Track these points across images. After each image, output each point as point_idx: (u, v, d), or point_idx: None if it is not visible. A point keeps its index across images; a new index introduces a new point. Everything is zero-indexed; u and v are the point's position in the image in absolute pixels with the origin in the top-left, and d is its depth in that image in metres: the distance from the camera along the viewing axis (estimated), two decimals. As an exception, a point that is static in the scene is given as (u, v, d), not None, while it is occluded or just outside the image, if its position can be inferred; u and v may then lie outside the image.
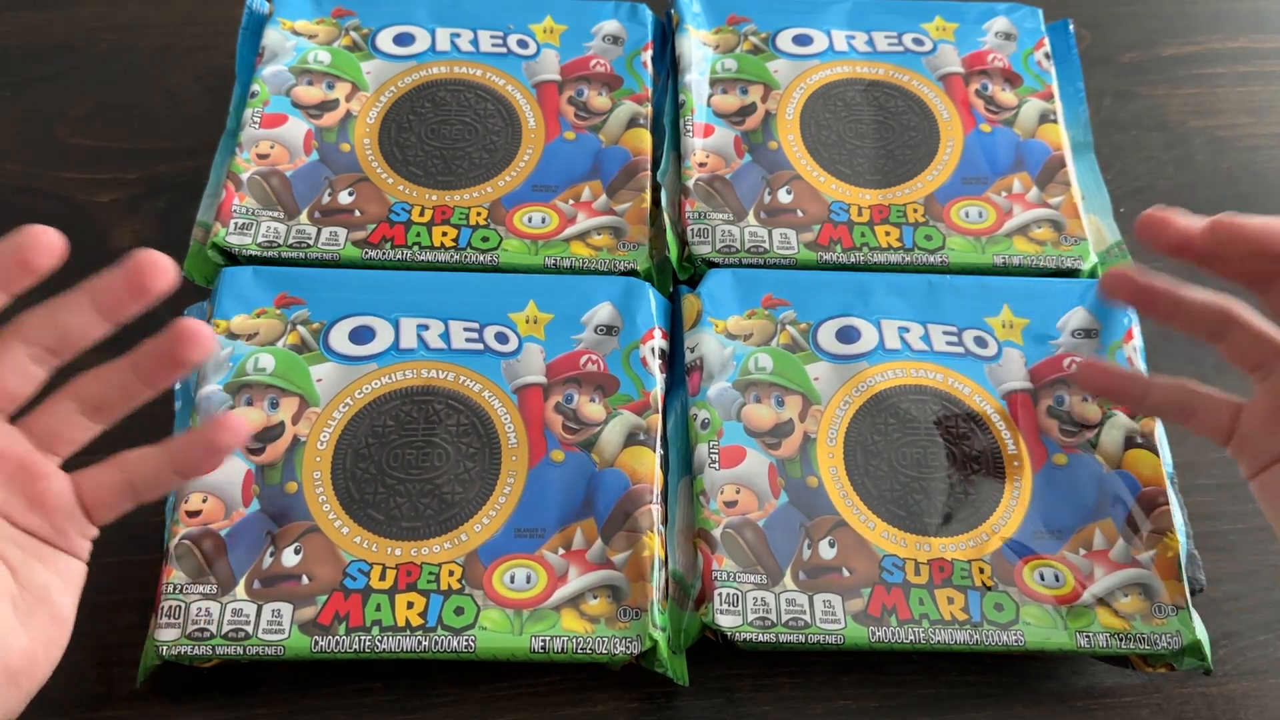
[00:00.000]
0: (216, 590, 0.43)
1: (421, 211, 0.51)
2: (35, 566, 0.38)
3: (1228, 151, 0.61)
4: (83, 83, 0.61)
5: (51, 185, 0.57)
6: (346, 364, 0.48)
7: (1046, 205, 0.53)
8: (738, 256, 0.51)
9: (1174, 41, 0.65)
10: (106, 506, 0.40)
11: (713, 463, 0.46)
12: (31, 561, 0.38)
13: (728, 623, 0.43)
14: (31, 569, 0.38)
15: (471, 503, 0.45)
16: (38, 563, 0.38)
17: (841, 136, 0.55)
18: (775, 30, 0.58)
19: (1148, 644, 0.44)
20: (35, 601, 0.38)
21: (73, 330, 0.38)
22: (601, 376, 0.48)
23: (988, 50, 0.58)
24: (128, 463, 0.40)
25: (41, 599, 0.38)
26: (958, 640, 0.43)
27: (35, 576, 0.38)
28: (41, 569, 0.38)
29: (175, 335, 0.39)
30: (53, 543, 0.39)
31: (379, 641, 0.42)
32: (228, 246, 0.50)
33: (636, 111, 0.55)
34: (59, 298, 0.39)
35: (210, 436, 0.40)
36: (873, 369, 0.49)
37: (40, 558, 0.38)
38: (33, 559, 0.38)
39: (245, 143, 0.52)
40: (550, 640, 0.42)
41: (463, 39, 0.56)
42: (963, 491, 0.46)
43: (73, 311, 0.38)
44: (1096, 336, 0.50)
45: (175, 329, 0.39)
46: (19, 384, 0.38)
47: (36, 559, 0.38)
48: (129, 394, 0.40)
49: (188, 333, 0.39)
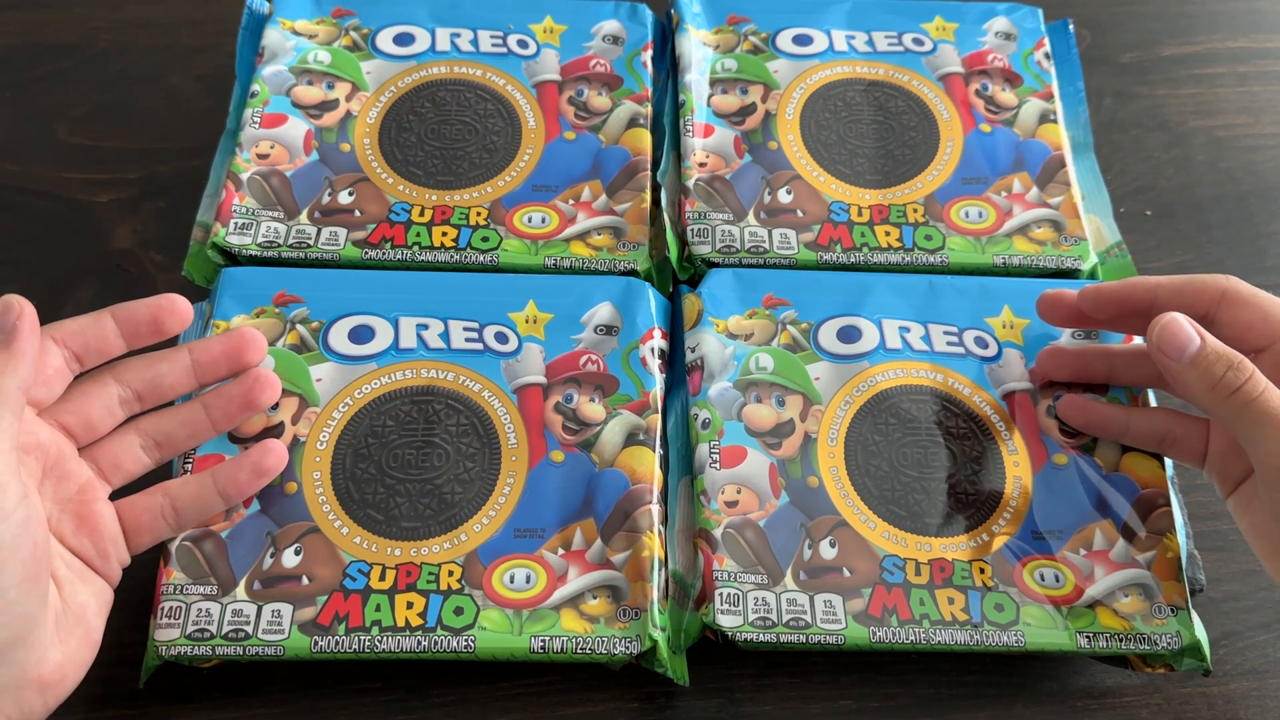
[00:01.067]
0: (217, 591, 0.43)
1: (421, 211, 0.51)
2: (78, 587, 0.40)
3: (1228, 151, 0.61)
4: (83, 83, 0.61)
5: (51, 185, 0.57)
6: (346, 364, 0.48)
7: (1046, 205, 0.53)
8: (738, 257, 0.51)
9: (1174, 41, 0.65)
10: (146, 533, 0.42)
11: (713, 462, 0.46)
12: (75, 582, 0.40)
13: (728, 623, 0.43)
14: (74, 589, 0.40)
15: (471, 503, 0.45)
16: (80, 583, 0.40)
17: (841, 136, 0.55)
18: (775, 30, 0.58)
19: (1148, 644, 0.44)
20: (74, 620, 0.39)
21: (165, 383, 0.43)
22: (601, 376, 0.48)
23: (988, 50, 0.58)
24: (172, 489, 0.42)
25: (79, 618, 0.39)
26: (958, 640, 0.43)
27: (77, 596, 0.40)
28: (82, 589, 0.40)
29: (252, 383, 0.42)
30: (94, 566, 0.41)
31: (379, 642, 0.42)
32: (228, 246, 0.50)
33: (636, 111, 0.55)
34: (162, 352, 0.43)
35: (257, 461, 0.43)
36: (873, 369, 0.49)
37: (82, 579, 0.40)
38: (76, 579, 0.40)
39: (245, 143, 0.52)
40: (550, 640, 0.42)
41: (463, 39, 0.56)
42: (963, 492, 0.46)
43: (171, 366, 0.43)
44: (1096, 338, 0.50)
45: (252, 377, 0.44)
46: (102, 420, 0.42)
47: (79, 579, 0.40)
48: (195, 434, 0.44)
49: (263, 380, 0.44)
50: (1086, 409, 0.47)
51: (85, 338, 0.41)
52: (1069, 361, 0.48)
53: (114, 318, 0.41)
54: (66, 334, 0.40)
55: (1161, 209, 0.59)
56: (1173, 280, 0.45)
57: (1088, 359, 0.48)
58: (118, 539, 0.41)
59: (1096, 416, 0.47)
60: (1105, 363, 0.48)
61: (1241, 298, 0.43)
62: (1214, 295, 0.44)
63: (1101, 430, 0.47)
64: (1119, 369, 0.48)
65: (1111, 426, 0.47)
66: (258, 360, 0.45)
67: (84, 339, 0.41)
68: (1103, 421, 0.47)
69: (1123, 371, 0.48)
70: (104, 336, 0.41)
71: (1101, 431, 0.47)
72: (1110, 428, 0.47)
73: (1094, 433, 0.47)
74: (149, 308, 0.42)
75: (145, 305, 0.42)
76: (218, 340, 0.44)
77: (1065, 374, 0.48)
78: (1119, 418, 0.47)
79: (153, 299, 0.42)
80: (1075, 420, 0.47)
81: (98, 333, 0.41)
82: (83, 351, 0.41)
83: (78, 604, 0.39)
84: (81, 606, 0.39)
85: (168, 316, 0.42)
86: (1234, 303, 0.43)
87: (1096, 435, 0.48)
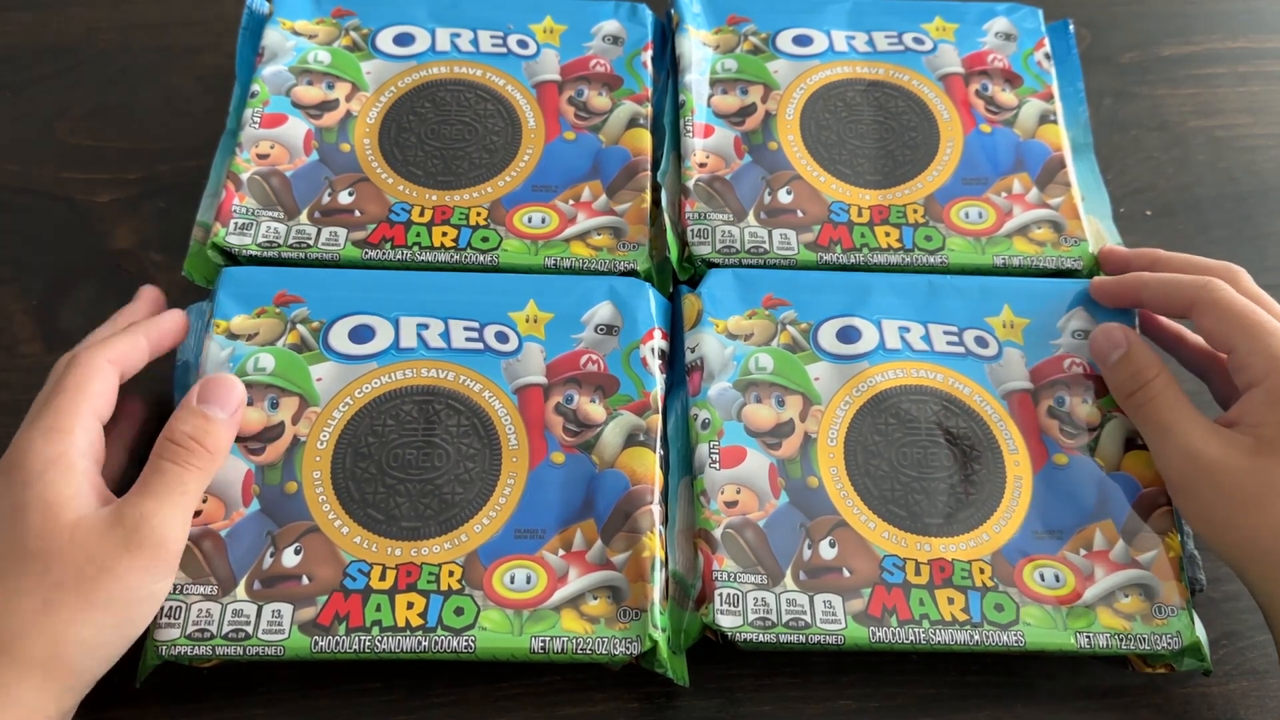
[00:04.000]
0: (217, 591, 0.43)
1: (421, 212, 0.51)
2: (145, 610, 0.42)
3: (1227, 151, 0.61)
4: (83, 83, 0.61)
5: (51, 185, 0.57)
6: (346, 363, 0.47)
7: (1046, 206, 0.53)
8: (738, 257, 0.51)
9: (1174, 41, 0.65)
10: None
11: (713, 463, 0.46)
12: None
13: (728, 623, 0.43)
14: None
15: (472, 503, 0.45)
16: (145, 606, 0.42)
17: (841, 137, 0.55)
18: (775, 30, 0.58)
19: (1148, 645, 0.44)
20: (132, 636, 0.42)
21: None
22: (602, 376, 0.48)
23: (988, 50, 0.58)
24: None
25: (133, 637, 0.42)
26: (958, 640, 0.43)
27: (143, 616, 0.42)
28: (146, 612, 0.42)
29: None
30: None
31: (379, 642, 0.42)
32: (228, 246, 0.50)
33: (636, 111, 0.55)
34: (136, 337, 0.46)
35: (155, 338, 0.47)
36: (873, 369, 0.49)
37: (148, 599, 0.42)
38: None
39: (245, 143, 0.52)
40: (550, 641, 0.42)
41: (463, 39, 0.56)
42: (963, 492, 0.46)
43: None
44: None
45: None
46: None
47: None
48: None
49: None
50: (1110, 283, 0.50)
51: (130, 359, 0.45)
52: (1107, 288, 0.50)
53: (146, 337, 0.45)
54: (117, 355, 0.44)
55: (1161, 209, 0.59)
56: (1160, 280, 0.48)
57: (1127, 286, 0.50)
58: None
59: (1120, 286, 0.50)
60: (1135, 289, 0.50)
61: (1205, 306, 0.46)
62: (1184, 304, 0.47)
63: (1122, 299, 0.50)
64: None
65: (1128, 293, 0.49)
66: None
67: (130, 360, 0.45)
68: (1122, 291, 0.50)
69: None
70: (140, 355, 0.45)
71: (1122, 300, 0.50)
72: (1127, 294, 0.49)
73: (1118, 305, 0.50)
74: (172, 327, 0.47)
75: (170, 323, 0.47)
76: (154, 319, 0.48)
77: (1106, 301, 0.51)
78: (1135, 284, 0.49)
79: (167, 318, 0.47)
80: (1104, 297, 0.50)
81: (137, 353, 0.45)
82: (124, 369, 0.45)
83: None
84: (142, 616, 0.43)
85: (181, 332, 0.48)
86: (1200, 311, 0.46)
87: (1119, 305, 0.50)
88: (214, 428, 0.43)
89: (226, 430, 0.44)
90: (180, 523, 0.41)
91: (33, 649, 0.38)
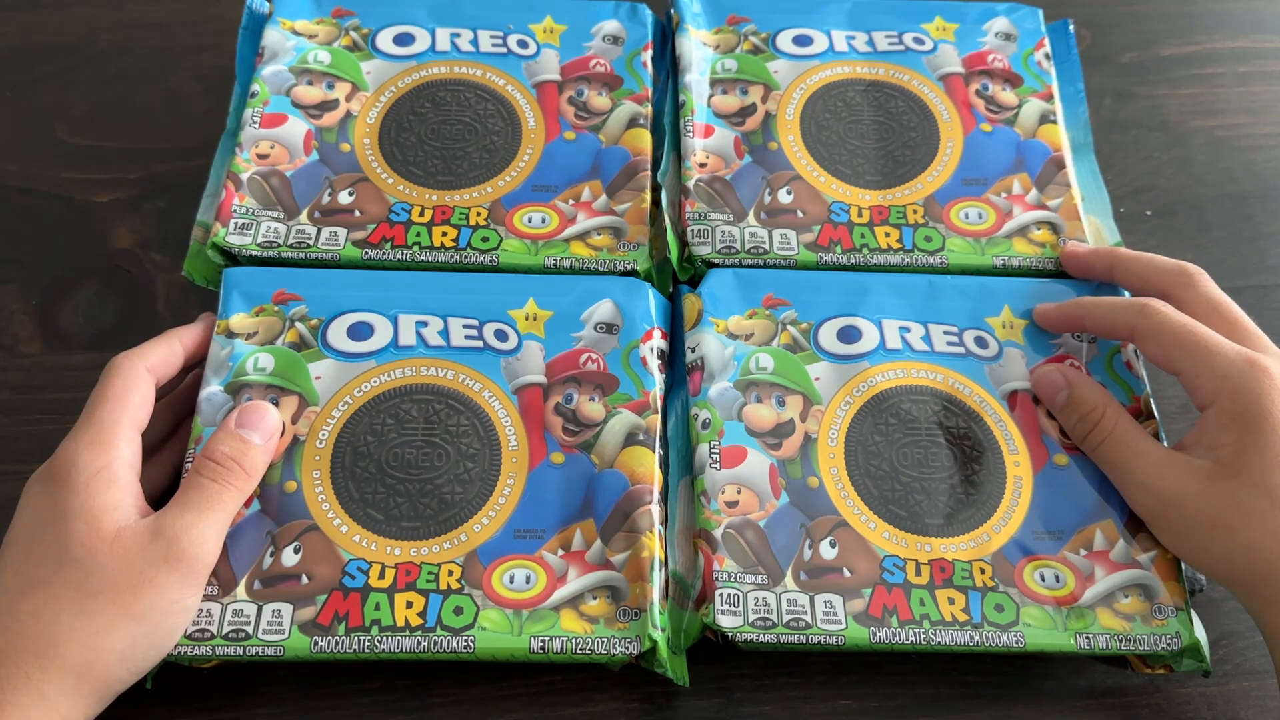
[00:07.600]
0: (217, 591, 0.43)
1: (421, 211, 0.51)
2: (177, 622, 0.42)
3: (1228, 151, 0.61)
4: (83, 83, 0.61)
5: (51, 185, 0.57)
6: (345, 361, 0.47)
7: (1046, 207, 0.53)
8: (738, 257, 0.51)
9: (1174, 41, 0.65)
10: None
11: (714, 463, 0.46)
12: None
13: (728, 623, 0.43)
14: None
15: (471, 503, 0.45)
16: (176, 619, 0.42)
17: (842, 137, 0.55)
18: (775, 30, 0.58)
19: (1147, 645, 0.43)
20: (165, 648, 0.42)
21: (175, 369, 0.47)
22: (601, 376, 0.48)
23: (988, 50, 0.58)
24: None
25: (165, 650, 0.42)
26: (958, 641, 0.43)
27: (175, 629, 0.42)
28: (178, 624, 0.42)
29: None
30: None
31: (378, 642, 0.42)
32: (228, 246, 0.50)
33: (636, 111, 0.55)
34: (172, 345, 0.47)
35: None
36: (874, 369, 0.49)
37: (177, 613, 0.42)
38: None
39: (245, 143, 0.52)
40: (550, 641, 0.42)
41: (463, 39, 0.56)
42: (963, 492, 0.46)
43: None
44: (1096, 339, 0.50)
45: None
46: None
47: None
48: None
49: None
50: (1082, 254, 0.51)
51: (166, 365, 0.46)
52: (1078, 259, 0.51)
53: (180, 342, 0.47)
54: (154, 362, 0.45)
55: (1161, 209, 0.59)
56: (1100, 308, 0.48)
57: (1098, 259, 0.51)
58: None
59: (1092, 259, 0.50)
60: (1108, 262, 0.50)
61: (1145, 333, 0.46)
62: (1126, 331, 0.47)
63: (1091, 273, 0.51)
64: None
65: (1099, 265, 0.50)
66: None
67: (166, 366, 0.46)
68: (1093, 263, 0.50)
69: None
70: (175, 360, 0.46)
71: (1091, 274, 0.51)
72: (1098, 267, 0.50)
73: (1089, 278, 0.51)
74: (205, 332, 0.48)
75: (204, 328, 0.48)
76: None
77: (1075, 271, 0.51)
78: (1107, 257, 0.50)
79: (199, 323, 0.48)
80: (1073, 267, 0.51)
81: (173, 359, 0.46)
82: (160, 376, 0.46)
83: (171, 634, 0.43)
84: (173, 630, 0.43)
85: (209, 342, 0.48)
86: (1141, 338, 0.46)
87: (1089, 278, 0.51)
88: (251, 451, 0.44)
89: (263, 455, 0.44)
90: (216, 538, 0.42)
91: (69, 655, 0.39)
